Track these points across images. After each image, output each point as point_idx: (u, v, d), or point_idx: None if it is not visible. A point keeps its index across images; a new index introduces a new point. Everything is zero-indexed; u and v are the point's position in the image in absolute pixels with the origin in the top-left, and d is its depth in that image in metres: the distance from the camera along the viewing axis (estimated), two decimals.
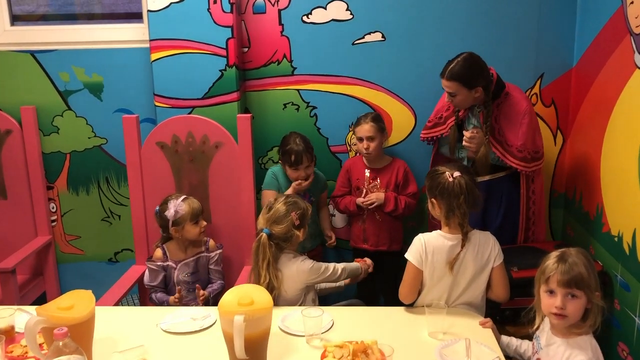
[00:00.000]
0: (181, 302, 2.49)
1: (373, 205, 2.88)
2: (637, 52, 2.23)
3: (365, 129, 2.86)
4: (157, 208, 2.63)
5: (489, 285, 2.19)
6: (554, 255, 1.80)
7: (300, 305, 2.30)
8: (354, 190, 3.00)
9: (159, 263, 2.60)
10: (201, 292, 2.50)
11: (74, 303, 1.73)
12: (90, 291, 1.82)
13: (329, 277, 2.36)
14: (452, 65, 2.50)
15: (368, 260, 2.55)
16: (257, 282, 2.23)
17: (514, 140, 2.55)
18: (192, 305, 2.54)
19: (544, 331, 1.84)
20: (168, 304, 2.52)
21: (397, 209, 2.90)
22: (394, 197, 2.92)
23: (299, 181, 2.83)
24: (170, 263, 2.60)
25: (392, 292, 2.24)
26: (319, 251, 3.10)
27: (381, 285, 3.11)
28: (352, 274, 2.47)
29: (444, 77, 2.51)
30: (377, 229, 2.97)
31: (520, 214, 2.70)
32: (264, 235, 2.26)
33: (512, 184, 2.69)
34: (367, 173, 2.96)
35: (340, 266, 2.40)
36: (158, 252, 2.62)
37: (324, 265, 2.35)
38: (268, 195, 2.87)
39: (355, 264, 2.50)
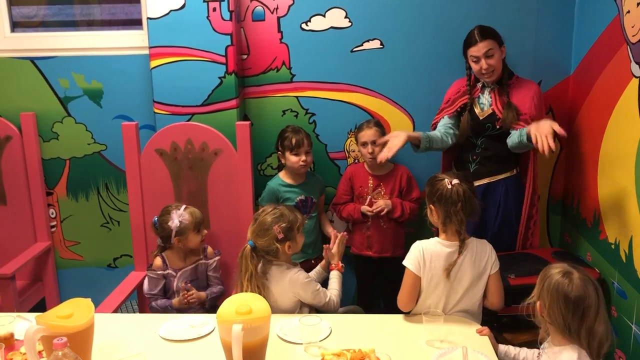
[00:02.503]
0: (188, 303, 2.50)
1: (383, 212, 2.89)
2: (633, 61, 2.25)
3: (370, 133, 2.88)
4: (156, 219, 2.63)
5: (484, 293, 2.20)
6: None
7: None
8: (356, 198, 3.02)
9: (159, 272, 2.60)
10: (192, 291, 2.51)
11: (73, 311, 1.74)
12: (89, 299, 1.83)
13: (318, 301, 2.31)
14: (479, 29, 2.63)
15: (339, 264, 2.48)
16: (240, 292, 2.21)
17: (525, 111, 2.61)
18: (191, 313, 2.55)
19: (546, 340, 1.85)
20: (172, 307, 2.53)
21: (404, 214, 2.93)
22: (400, 202, 2.94)
23: None
24: (170, 271, 2.61)
25: (393, 297, 2.25)
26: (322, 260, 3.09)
27: (382, 290, 3.12)
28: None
29: (479, 40, 2.60)
30: (381, 236, 2.98)
31: (523, 215, 2.72)
32: (247, 247, 2.26)
33: (510, 188, 2.72)
34: (371, 180, 2.97)
35: (334, 296, 2.35)
36: (158, 261, 2.62)
37: (318, 286, 2.32)
38: None
39: (338, 278, 2.43)
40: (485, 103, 2.72)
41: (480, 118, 2.73)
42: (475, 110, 2.75)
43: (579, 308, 1.70)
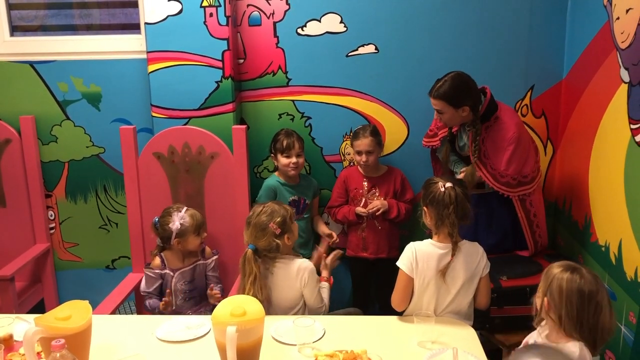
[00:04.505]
0: (169, 308, 2.52)
1: (379, 212, 2.92)
2: (622, 67, 2.28)
3: (365, 143, 2.91)
4: (156, 219, 2.65)
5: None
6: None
7: (300, 309, 2.35)
8: (351, 200, 3.05)
9: (156, 271, 2.63)
10: (214, 291, 2.55)
11: (71, 313, 1.77)
12: (87, 301, 1.86)
13: (321, 296, 2.36)
14: (439, 85, 2.57)
15: (331, 279, 2.49)
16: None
17: (498, 165, 2.60)
18: (187, 314, 2.59)
19: (540, 338, 1.87)
20: (159, 310, 2.56)
21: (400, 214, 2.97)
22: (396, 203, 2.98)
23: None
24: (167, 271, 2.64)
25: (388, 298, 2.28)
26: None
27: (377, 291, 3.15)
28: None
29: (432, 96, 2.58)
30: (376, 237, 3.01)
31: (527, 237, 2.72)
32: (249, 250, 2.30)
33: (502, 200, 2.70)
34: (365, 183, 3.01)
35: (325, 305, 2.39)
36: (156, 260, 2.66)
37: (320, 287, 2.39)
38: None
39: (327, 289, 2.45)
40: (466, 141, 2.73)
41: (464, 156, 2.79)
42: (456, 146, 2.79)
43: (592, 301, 1.71)
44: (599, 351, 1.78)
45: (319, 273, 2.49)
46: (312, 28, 3.01)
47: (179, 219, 2.59)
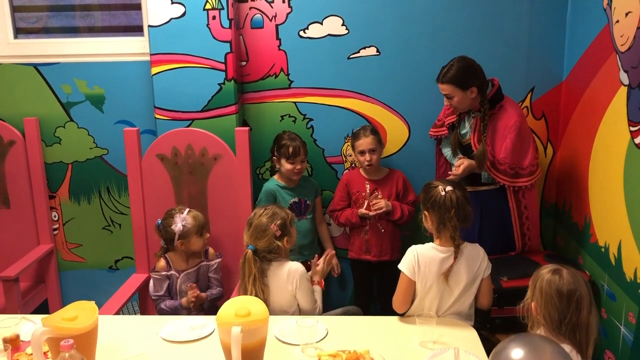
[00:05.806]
0: (193, 299, 2.56)
1: (382, 211, 2.94)
2: (622, 69, 2.30)
3: (368, 141, 2.93)
4: (159, 221, 2.69)
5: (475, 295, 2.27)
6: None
7: (294, 313, 2.36)
8: (353, 203, 3.07)
9: (163, 273, 2.66)
10: (196, 291, 2.57)
11: (78, 314, 1.80)
12: (93, 302, 1.88)
13: (313, 299, 2.38)
14: (445, 69, 2.61)
15: (322, 282, 2.50)
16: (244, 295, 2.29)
17: (497, 152, 2.63)
18: (193, 314, 2.61)
19: None
20: (182, 307, 2.59)
21: (403, 216, 2.99)
22: (399, 205, 3.00)
23: None
24: (173, 272, 2.67)
25: (389, 299, 2.30)
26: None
27: (379, 292, 3.17)
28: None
29: (439, 81, 2.62)
30: (379, 239, 3.03)
31: (514, 230, 2.74)
32: (249, 251, 2.33)
33: (491, 199, 2.73)
34: (368, 185, 3.03)
35: (319, 306, 2.40)
36: (161, 262, 2.68)
37: (313, 289, 2.41)
38: None
39: (320, 293, 2.45)
40: (468, 129, 2.76)
41: (463, 144, 2.80)
42: (460, 132, 2.80)
43: (572, 300, 1.76)
44: (590, 355, 1.80)
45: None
46: (314, 30, 3.03)
47: (181, 220, 2.62)
